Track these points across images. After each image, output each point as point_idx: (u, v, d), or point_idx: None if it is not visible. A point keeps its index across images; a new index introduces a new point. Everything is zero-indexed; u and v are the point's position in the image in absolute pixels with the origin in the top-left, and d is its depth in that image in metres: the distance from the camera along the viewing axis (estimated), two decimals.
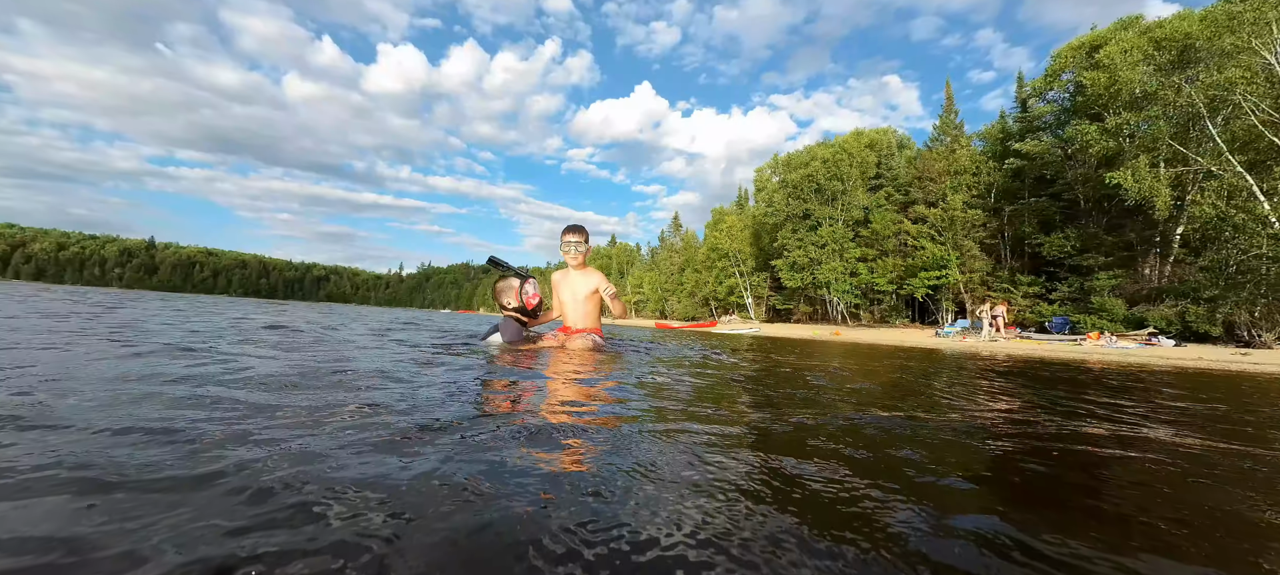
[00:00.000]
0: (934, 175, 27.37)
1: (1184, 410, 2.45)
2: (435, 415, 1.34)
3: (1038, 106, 24.63)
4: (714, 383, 2.49)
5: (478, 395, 1.74)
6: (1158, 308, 16.56)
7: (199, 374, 1.80)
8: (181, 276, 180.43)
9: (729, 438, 1.31)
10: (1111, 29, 21.48)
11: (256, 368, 2.01)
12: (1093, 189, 20.12)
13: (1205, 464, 1.34)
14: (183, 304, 11.23)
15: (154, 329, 3.72)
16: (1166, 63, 16.61)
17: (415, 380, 1.91)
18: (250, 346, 2.74)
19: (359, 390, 1.66)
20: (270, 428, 1.14)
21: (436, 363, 2.48)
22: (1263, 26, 13.71)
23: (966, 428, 1.66)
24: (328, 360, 2.36)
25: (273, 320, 5.80)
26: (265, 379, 1.75)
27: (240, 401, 1.38)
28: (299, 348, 2.93)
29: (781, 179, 34.58)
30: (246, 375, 1.80)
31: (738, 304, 40.98)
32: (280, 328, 4.44)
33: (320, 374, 1.92)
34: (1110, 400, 2.64)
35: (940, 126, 30.81)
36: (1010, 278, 24.12)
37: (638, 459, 1.07)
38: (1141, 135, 17.55)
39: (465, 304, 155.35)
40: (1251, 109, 14.30)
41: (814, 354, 6.09)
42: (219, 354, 2.39)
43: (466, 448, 1.07)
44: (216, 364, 2.06)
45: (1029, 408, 2.28)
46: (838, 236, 30.51)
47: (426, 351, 2.95)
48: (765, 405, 1.91)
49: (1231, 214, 14.42)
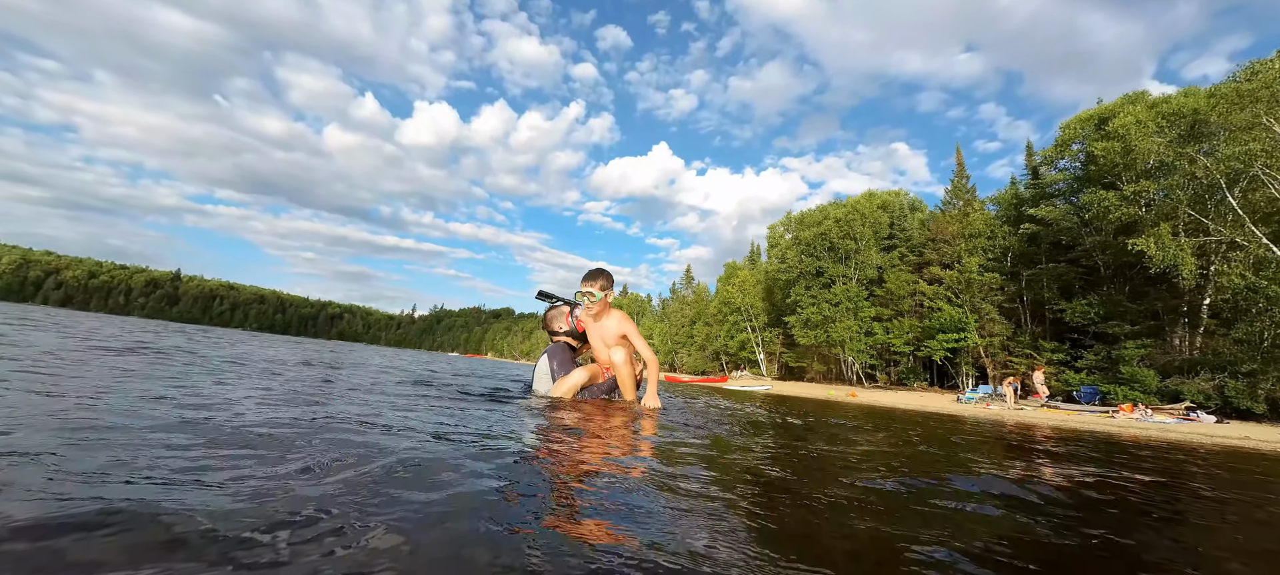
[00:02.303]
0: (948, 237, 27.41)
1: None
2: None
3: (1049, 174, 24.90)
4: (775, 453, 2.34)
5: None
6: (1193, 380, 15.81)
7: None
8: (201, 309, 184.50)
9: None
10: (1119, 103, 22.01)
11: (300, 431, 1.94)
12: (1113, 256, 19.86)
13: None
14: (200, 336, 11.36)
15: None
16: (1177, 136, 16.83)
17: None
18: (270, 383, 2.69)
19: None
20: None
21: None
22: (1275, 103, 13.91)
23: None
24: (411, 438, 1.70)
25: (305, 358, 5.79)
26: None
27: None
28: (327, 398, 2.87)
29: (794, 236, 34.90)
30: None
31: (749, 360, 40.25)
32: (307, 365, 4.41)
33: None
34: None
35: (952, 190, 31.21)
36: (1032, 343, 23.45)
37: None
38: (1159, 204, 17.51)
39: (474, 348, 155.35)
40: (1269, 181, 14.26)
41: (844, 419, 5.86)
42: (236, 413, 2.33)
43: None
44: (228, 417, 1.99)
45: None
46: (852, 295, 30.28)
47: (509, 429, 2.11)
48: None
49: (1263, 285, 14.04)
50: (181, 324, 64.99)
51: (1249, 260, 14.83)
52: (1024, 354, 23.13)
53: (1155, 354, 17.94)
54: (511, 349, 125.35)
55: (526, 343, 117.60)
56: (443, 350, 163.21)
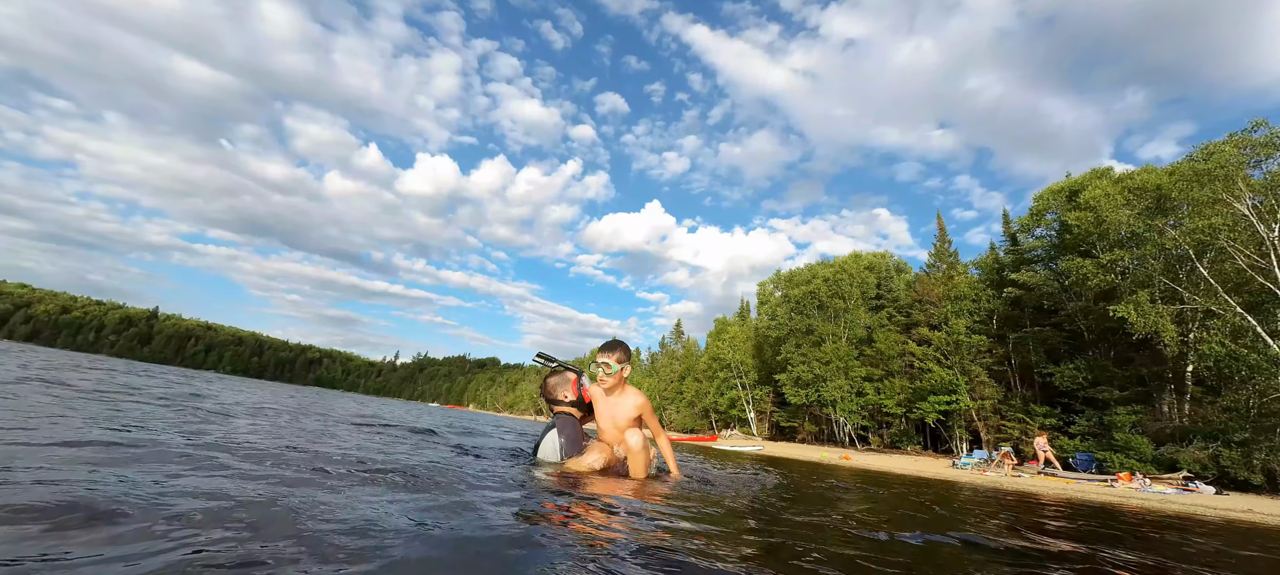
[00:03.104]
0: (934, 299, 27.87)
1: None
2: None
3: (1027, 241, 25.83)
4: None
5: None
6: (1187, 448, 15.66)
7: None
8: (174, 349, 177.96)
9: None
10: (1087, 177, 23.31)
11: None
12: (1095, 321, 20.24)
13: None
14: (149, 375, 10.77)
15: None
16: (1145, 208, 17.70)
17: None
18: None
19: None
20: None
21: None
22: (1229, 182, 14.79)
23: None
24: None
25: (258, 402, 5.45)
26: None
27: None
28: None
29: (784, 293, 35.24)
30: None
31: (739, 418, 39.33)
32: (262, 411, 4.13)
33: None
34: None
35: (935, 254, 32.12)
36: (1023, 407, 23.30)
37: None
38: (1134, 272, 18.08)
39: (456, 398, 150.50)
40: (1236, 253, 14.87)
41: (839, 480, 5.61)
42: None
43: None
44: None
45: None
46: (842, 353, 30.21)
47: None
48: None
49: (1243, 353, 14.26)
50: (149, 364, 62.37)
51: (1227, 328, 15.16)
52: (1016, 418, 22.92)
53: (1146, 421, 17.87)
54: (494, 400, 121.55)
55: (510, 395, 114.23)
56: (423, 400, 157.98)
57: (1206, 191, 15.19)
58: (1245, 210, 14.63)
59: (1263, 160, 14.93)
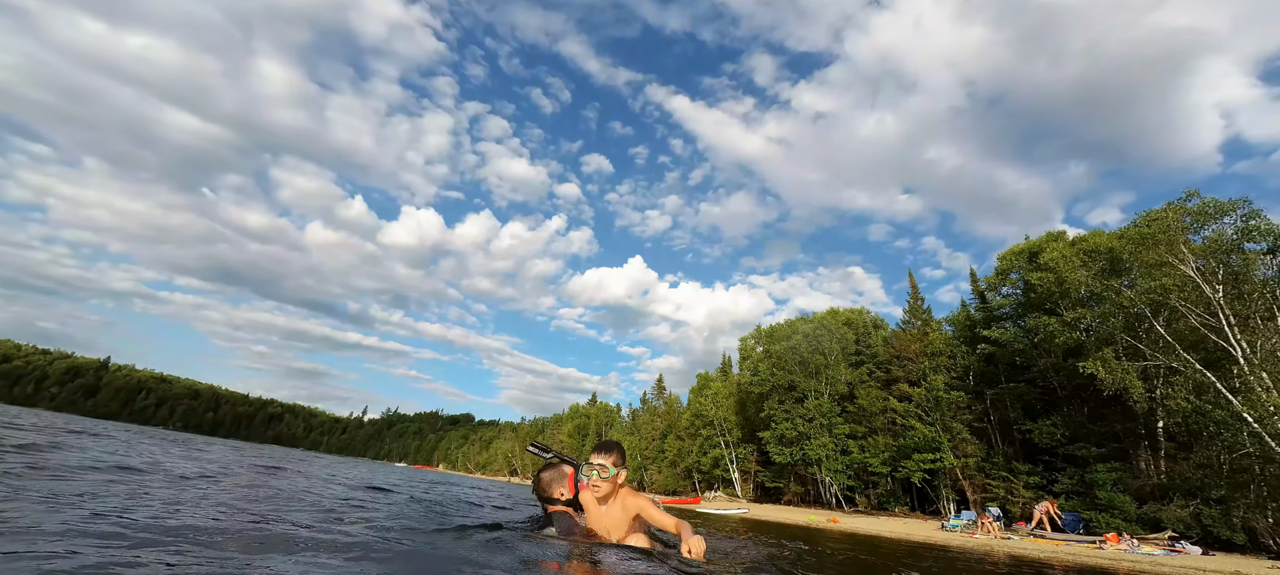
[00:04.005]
0: (912, 355, 28.30)
1: None
2: None
3: (995, 299, 26.86)
4: None
5: None
6: (1168, 507, 15.67)
7: None
8: (121, 403, 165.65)
9: None
10: (1044, 239, 24.74)
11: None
12: (1067, 377, 20.75)
13: None
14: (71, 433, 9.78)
15: None
16: (1100, 270, 18.73)
17: None
18: None
19: None
20: None
21: None
22: (1173, 246, 15.86)
23: None
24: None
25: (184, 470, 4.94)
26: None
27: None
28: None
29: (765, 349, 35.34)
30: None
31: (723, 478, 38.04)
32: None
33: None
34: None
35: (910, 311, 33.02)
36: (1006, 465, 23.22)
37: None
38: (1097, 329, 18.82)
39: (425, 458, 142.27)
40: (1188, 311, 15.69)
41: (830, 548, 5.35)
42: None
43: None
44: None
45: None
46: (825, 410, 30.01)
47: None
48: None
49: (1208, 409, 14.68)
50: (91, 419, 57.34)
51: (1189, 385, 15.68)
52: (1000, 476, 22.75)
53: (1126, 478, 17.95)
54: (466, 460, 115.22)
55: (483, 454, 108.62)
56: (390, 459, 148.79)
57: (1153, 254, 16.23)
58: (1190, 272, 15.61)
59: (1200, 227, 16.12)
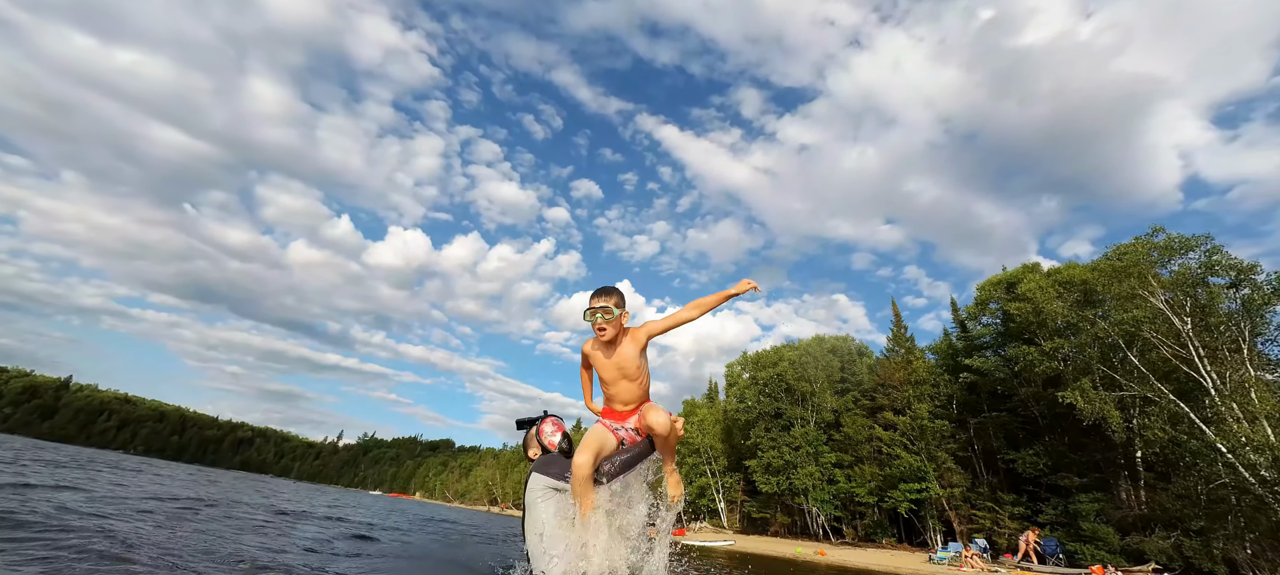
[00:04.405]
0: (896, 383, 28.44)
1: None
2: None
3: (975, 328, 27.30)
4: None
5: None
6: (1150, 538, 15.68)
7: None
8: (79, 426, 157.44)
9: None
10: (1019, 271, 25.40)
11: None
12: (1047, 406, 20.98)
13: None
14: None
15: None
16: (1075, 300, 19.22)
17: None
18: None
19: None
20: None
21: None
22: (1143, 279, 16.39)
23: None
24: None
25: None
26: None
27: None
28: None
29: (752, 375, 35.22)
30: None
31: (709, 508, 37.22)
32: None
33: None
34: None
35: (893, 339, 33.34)
36: (991, 495, 23.15)
37: None
38: (1075, 359, 19.16)
39: (402, 486, 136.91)
40: (1159, 343, 16.10)
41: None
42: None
43: None
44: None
45: None
46: (811, 438, 29.80)
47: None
48: None
49: (1184, 440, 14.89)
50: (47, 442, 54.21)
51: (1165, 415, 15.94)
52: (986, 506, 22.65)
53: (1109, 509, 17.99)
54: (445, 488, 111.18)
55: (463, 482, 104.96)
56: (363, 487, 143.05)
57: (1125, 287, 16.74)
58: (1160, 304, 16.10)
59: (1166, 261, 16.72)
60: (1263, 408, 13.61)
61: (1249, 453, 13.18)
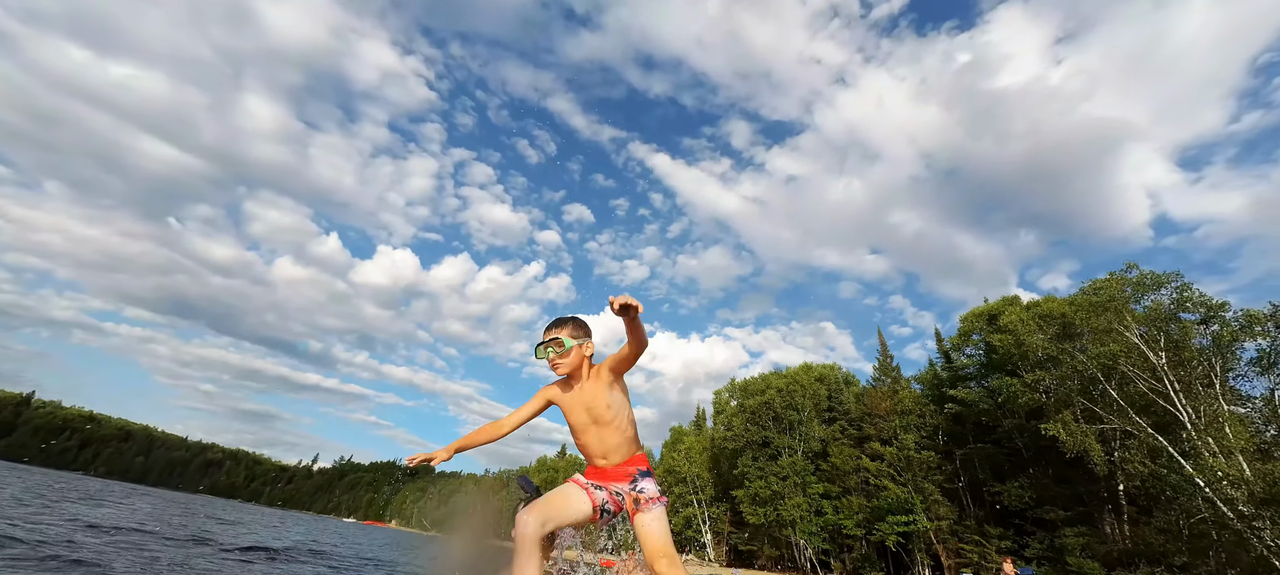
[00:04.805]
0: (882, 412, 28.45)
1: None
2: None
3: (960, 359, 27.60)
4: None
5: None
6: (1135, 573, 15.60)
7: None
8: (38, 444, 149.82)
9: None
10: (1001, 303, 25.91)
11: None
12: (1031, 438, 21.09)
13: None
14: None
15: None
16: (1054, 333, 19.59)
17: None
18: None
19: None
20: None
21: None
22: (1119, 313, 16.79)
23: None
24: None
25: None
26: None
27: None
28: None
29: (739, 403, 35.00)
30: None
31: (695, 540, 36.29)
32: None
33: None
34: None
35: (879, 368, 33.53)
36: (978, 528, 22.97)
37: None
38: (1056, 391, 19.39)
39: (377, 514, 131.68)
40: (1136, 377, 16.40)
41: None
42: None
43: None
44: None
45: None
46: (799, 468, 29.48)
47: None
48: None
49: (1164, 474, 15.01)
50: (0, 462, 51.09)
51: (1144, 448, 16.10)
52: (973, 540, 22.42)
53: (1093, 543, 17.92)
54: (422, 516, 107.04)
55: (442, 509, 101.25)
56: (337, 514, 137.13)
57: (1102, 320, 17.14)
58: (1135, 339, 16.47)
59: (1140, 297, 17.19)
60: (1237, 442, 13.83)
61: (1226, 487, 13.32)
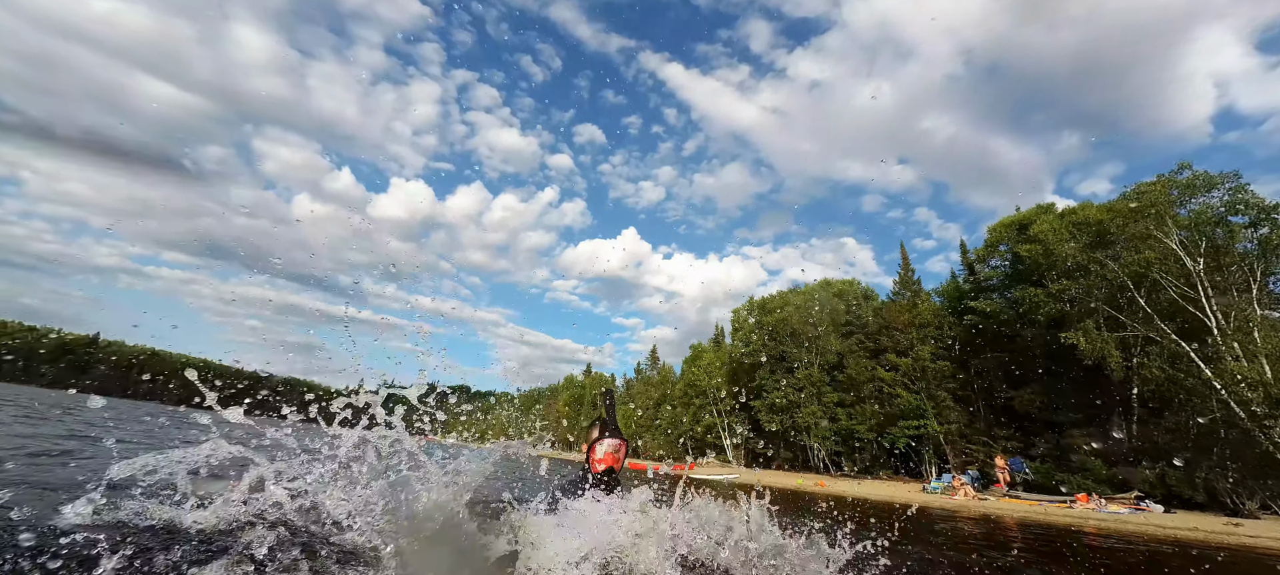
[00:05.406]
0: (900, 326, 28.80)
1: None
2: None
3: (984, 270, 27.20)
4: None
5: None
6: (1137, 469, 16.43)
7: None
8: (117, 379, 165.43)
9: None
10: (1033, 212, 24.90)
11: None
12: (1049, 347, 21.30)
13: None
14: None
15: None
16: (1087, 242, 18.98)
17: None
18: None
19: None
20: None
21: None
22: (1160, 219, 16.07)
23: None
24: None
25: None
26: None
27: None
28: None
29: (758, 320, 35.79)
30: None
31: (715, 445, 39.11)
32: None
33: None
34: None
35: (900, 282, 33.38)
36: (987, 431, 24.05)
37: None
38: (1081, 300, 19.22)
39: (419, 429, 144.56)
40: (1168, 285, 16.06)
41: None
42: None
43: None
44: None
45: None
46: (815, 380, 30.69)
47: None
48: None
49: (1181, 377, 15.22)
50: (91, 396, 56.96)
51: (1165, 354, 16.18)
52: (981, 442, 23.60)
53: (1100, 443, 18.71)
54: (465, 430, 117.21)
55: (482, 423, 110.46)
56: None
57: (1140, 227, 16.46)
58: (1174, 246, 15.89)
59: (1188, 200, 16.30)
60: (1264, 347, 13.77)
61: (1244, 390, 13.50)
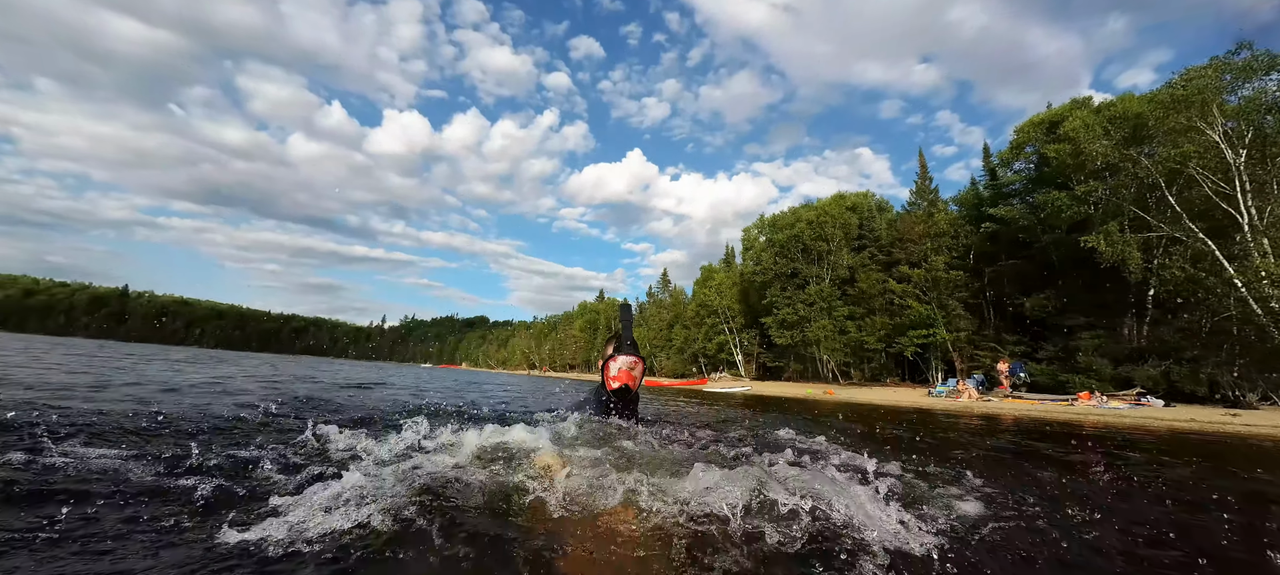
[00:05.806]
0: (914, 237, 28.36)
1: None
2: None
3: (1006, 175, 26.12)
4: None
5: None
6: (1142, 367, 16.80)
7: None
8: (152, 327, 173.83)
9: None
10: (1067, 107, 23.31)
11: None
12: (1067, 252, 20.96)
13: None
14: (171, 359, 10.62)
15: None
16: (1122, 138, 17.92)
17: None
18: None
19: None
20: None
21: None
22: (1205, 108, 14.98)
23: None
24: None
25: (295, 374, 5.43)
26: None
27: None
28: None
29: (768, 238, 35.47)
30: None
31: (727, 361, 40.63)
32: None
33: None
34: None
35: (917, 192, 32.37)
36: (996, 337, 24.46)
37: None
38: (1106, 202, 18.57)
39: (448, 358, 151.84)
40: (1204, 181, 15.34)
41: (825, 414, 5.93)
42: None
43: None
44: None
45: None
46: (825, 295, 30.97)
47: None
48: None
49: (1201, 277, 15.03)
50: (129, 344, 61.13)
51: (1188, 254, 15.86)
52: (989, 347, 24.10)
53: (1107, 344, 18.99)
54: (487, 358, 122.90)
55: (502, 351, 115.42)
56: (415, 362, 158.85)
57: (1181, 118, 15.41)
58: (1216, 138, 14.94)
59: (1239, 85, 15.07)
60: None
61: (1265, 286, 13.33)
